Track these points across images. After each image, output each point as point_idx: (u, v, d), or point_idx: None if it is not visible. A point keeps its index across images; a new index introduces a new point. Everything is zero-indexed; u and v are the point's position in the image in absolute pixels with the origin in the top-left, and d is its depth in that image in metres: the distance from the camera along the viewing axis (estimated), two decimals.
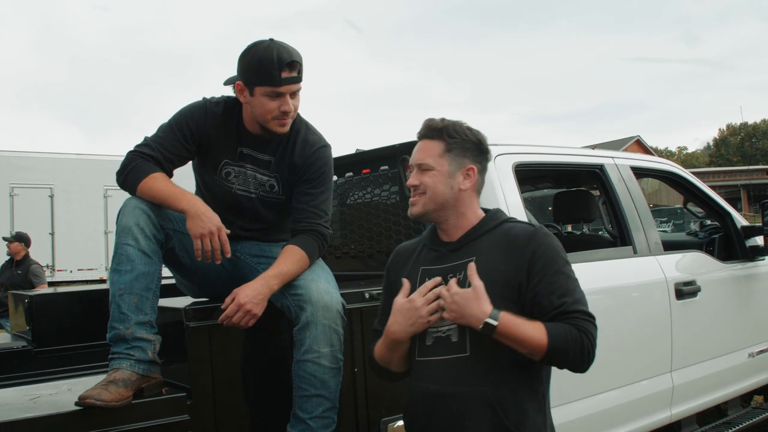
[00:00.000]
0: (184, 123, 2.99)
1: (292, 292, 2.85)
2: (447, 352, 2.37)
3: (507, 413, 2.29)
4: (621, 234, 4.44)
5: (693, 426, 4.73)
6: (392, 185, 4.13)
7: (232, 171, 3.06)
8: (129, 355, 2.60)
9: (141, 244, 2.71)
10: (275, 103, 2.89)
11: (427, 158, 2.47)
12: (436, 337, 2.40)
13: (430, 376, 2.39)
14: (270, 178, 3.10)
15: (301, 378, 2.79)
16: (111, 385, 2.47)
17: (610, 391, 3.98)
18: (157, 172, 2.87)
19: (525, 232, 2.42)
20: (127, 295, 2.64)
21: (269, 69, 2.83)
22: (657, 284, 4.34)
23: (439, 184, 2.45)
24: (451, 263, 2.45)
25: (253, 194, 3.10)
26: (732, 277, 5.06)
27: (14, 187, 19.88)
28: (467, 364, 2.33)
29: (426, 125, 2.51)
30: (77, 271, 19.89)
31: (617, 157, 4.68)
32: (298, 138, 3.08)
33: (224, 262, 3.00)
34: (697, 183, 5.23)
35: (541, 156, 4.24)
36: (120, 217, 2.78)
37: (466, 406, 2.31)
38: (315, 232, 3.02)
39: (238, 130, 3.04)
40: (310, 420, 2.77)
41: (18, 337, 4.17)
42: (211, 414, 2.68)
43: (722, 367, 4.84)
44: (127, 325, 2.62)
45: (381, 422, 3.07)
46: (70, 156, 21.23)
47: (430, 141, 2.49)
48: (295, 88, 2.92)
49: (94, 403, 2.37)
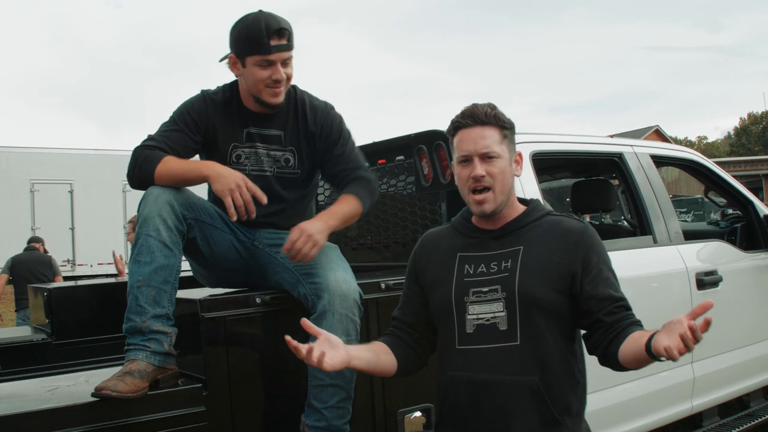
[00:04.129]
0: (186, 114, 2.97)
1: (310, 280, 2.84)
2: (494, 341, 2.33)
3: (555, 402, 2.29)
4: (641, 223, 4.40)
5: (714, 418, 4.68)
6: (408, 175, 4.10)
7: (242, 153, 3.03)
8: (145, 347, 2.59)
9: (162, 236, 2.69)
10: (267, 71, 2.88)
11: (492, 145, 2.36)
12: (478, 324, 2.35)
13: (475, 364, 2.35)
14: (284, 152, 3.08)
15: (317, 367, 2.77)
16: (127, 376, 2.47)
17: (631, 382, 3.94)
18: (168, 156, 2.85)
19: (577, 227, 2.40)
20: (146, 287, 2.63)
21: (258, 37, 2.83)
22: (678, 274, 4.29)
23: (506, 173, 2.39)
24: (494, 251, 2.41)
25: (268, 172, 3.07)
26: (754, 266, 4.99)
27: (35, 183, 20.07)
28: (517, 352, 2.30)
29: (475, 112, 2.38)
30: (97, 265, 20.04)
31: (636, 145, 4.63)
32: (306, 107, 3.08)
33: (241, 251, 3.00)
34: (718, 171, 5.16)
35: (558, 144, 4.20)
36: (142, 206, 2.75)
37: (514, 395, 2.29)
38: (361, 179, 3.11)
39: (239, 111, 3.03)
40: (325, 410, 2.75)
41: (38, 330, 4.20)
42: (226, 405, 2.68)
43: (744, 358, 4.79)
44: (143, 318, 2.61)
45: (397, 413, 3.05)
46: (89, 152, 21.39)
47: (485, 128, 2.37)
48: (285, 56, 2.90)
49: (110, 394, 2.37)
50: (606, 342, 2.27)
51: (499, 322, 2.32)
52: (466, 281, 2.40)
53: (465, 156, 2.38)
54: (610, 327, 2.27)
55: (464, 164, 2.40)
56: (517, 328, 2.31)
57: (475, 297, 2.37)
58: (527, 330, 2.30)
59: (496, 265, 2.37)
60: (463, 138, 2.39)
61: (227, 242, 2.99)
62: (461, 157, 2.40)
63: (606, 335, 2.28)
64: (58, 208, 20.25)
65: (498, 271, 2.37)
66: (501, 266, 2.37)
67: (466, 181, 2.38)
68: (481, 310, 2.35)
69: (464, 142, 2.39)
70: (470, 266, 2.41)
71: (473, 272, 2.40)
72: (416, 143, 3.88)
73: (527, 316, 2.30)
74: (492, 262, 2.39)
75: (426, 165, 3.85)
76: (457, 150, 2.43)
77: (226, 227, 2.96)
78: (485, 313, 2.34)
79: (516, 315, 2.31)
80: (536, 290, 2.30)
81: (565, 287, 2.31)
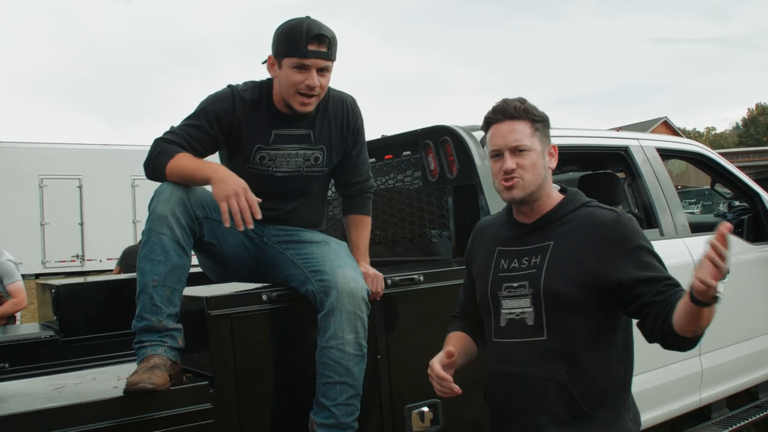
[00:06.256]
0: (211, 110, 2.93)
1: (318, 278, 2.84)
2: (523, 335, 2.39)
3: (583, 396, 2.30)
4: (647, 216, 4.39)
5: (723, 410, 4.67)
6: (415, 170, 4.10)
7: (267, 155, 3.00)
8: (162, 342, 2.60)
9: (176, 235, 2.68)
10: (301, 76, 2.85)
11: (523, 139, 2.39)
12: (510, 319, 2.42)
13: (507, 357, 2.43)
14: (314, 151, 3.07)
15: (325, 365, 2.77)
16: (155, 369, 2.47)
17: (640, 375, 3.90)
18: (182, 152, 2.82)
19: (609, 219, 2.38)
20: (161, 287, 2.63)
21: (296, 40, 2.82)
22: (684, 267, 4.24)
23: (538, 165, 2.41)
24: (528, 246, 2.45)
25: (298, 171, 3.06)
26: (761, 258, 4.97)
27: (43, 179, 20.17)
28: (544, 347, 2.35)
29: (505, 107, 2.43)
30: (106, 260, 20.10)
31: (642, 139, 4.62)
32: (329, 103, 3.08)
33: (250, 247, 3.00)
34: (724, 163, 5.15)
35: (565, 138, 4.19)
36: (155, 203, 2.73)
37: (541, 389, 2.34)
38: (370, 195, 3.34)
39: (269, 111, 3.00)
40: (333, 407, 2.75)
41: (46, 327, 4.21)
42: (233, 402, 2.68)
43: (752, 350, 4.78)
44: (159, 317, 2.61)
45: (405, 409, 3.05)
46: (97, 147, 21.48)
47: (516, 122, 2.41)
48: (322, 64, 2.87)
49: (146, 387, 2.38)
50: (661, 320, 2.22)
51: (526, 317, 2.38)
52: (500, 276, 2.47)
53: (496, 150, 2.43)
54: (662, 305, 2.22)
55: (496, 158, 2.44)
56: (544, 324, 2.35)
57: (507, 292, 2.44)
58: (554, 325, 2.33)
59: (527, 261, 2.42)
60: (495, 133, 2.44)
61: (236, 239, 2.98)
62: (493, 151, 2.45)
63: (660, 315, 2.22)
64: (66, 203, 20.35)
65: (528, 267, 2.41)
66: (531, 262, 2.41)
67: (498, 174, 2.43)
68: (512, 305, 2.41)
69: (495, 137, 2.43)
70: (505, 261, 2.48)
71: (507, 267, 2.47)
72: (423, 139, 3.88)
73: (553, 311, 2.33)
74: (524, 257, 2.44)
75: (432, 160, 3.84)
76: (489, 144, 2.47)
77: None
78: (515, 308, 2.41)
79: (542, 311, 2.35)
80: (561, 287, 2.31)
81: (591, 282, 2.30)
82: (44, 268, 20.09)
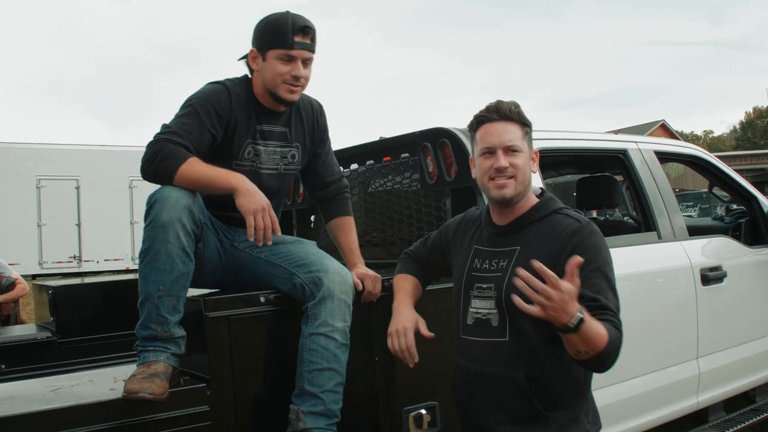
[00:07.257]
0: (210, 107, 2.86)
1: (306, 270, 2.82)
2: (487, 335, 2.49)
3: (540, 397, 2.39)
4: (645, 219, 4.39)
5: (720, 413, 4.67)
6: (413, 173, 4.10)
7: (253, 150, 2.99)
8: (166, 349, 2.59)
9: (183, 242, 2.62)
10: (287, 67, 2.89)
11: (516, 140, 2.47)
12: (477, 318, 2.52)
13: (471, 355, 2.56)
14: (291, 149, 3.10)
15: (313, 351, 2.72)
16: (155, 378, 2.46)
17: (636, 378, 3.94)
18: (194, 157, 2.75)
19: (570, 228, 2.43)
20: (167, 297, 2.59)
21: (283, 32, 2.86)
22: (682, 270, 4.28)
23: (527, 167, 2.49)
24: (498, 248, 2.53)
25: (276, 170, 3.07)
26: (759, 261, 4.97)
27: (41, 179, 20.11)
28: (505, 348, 2.44)
29: (500, 107, 2.50)
30: (104, 261, 20.12)
31: (640, 142, 4.62)
32: (300, 104, 3.12)
33: (221, 252, 2.96)
34: (721, 166, 5.15)
35: (563, 141, 4.19)
36: (159, 209, 2.61)
37: (501, 388, 2.44)
38: (347, 194, 3.36)
39: (254, 106, 2.99)
40: (321, 393, 2.70)
41: (42, 328, 4.20)
42: (230, 404, 2.67)
43: (749, 353, 4.78)
44: (165, 327, 2.59)
45: (402, 411, 3.05)
46: (96, 148, 21.44)
47: (509, 123, 2.48)
48: (306, 55, 2.92)
49: (145, 397, 2.37)
50: None
51: (492, 318, 2.47)
52: (473, 275, 2.56)
53: (489, 148, 2.48)
54: None
55: (487, 156, 2.49)
56: (506, 326, 2.44)
57: (477, 292, 2.54)
58: (515, 328, 2.42)
59: (495, 263, 2.51)
60: (488, 131, 2.49)
61: (213, 243, 2.94)
62: (485, 149, 2.49)
63: None
64: (64, 204, 20.30)
65: (496, 270, 2.50)
66: (498, 265, 2.50)
67: (488, 171, 2.47)
68: (480, 305, 2.52)
69: (489, 135, 2.48)
70: (479, 261, 2.57)
71: (479, 267, 2.55)
72: (421, 141, 3.88)
73: (515, 315, 2.38)
74: (494, 259, 2.52)
75: (431, 162, 3.84)
76: (480, 142, 2.52)
77: (212, 227, 2.94)
78: (483, 308, 2.51)
79: (505, 313, 2.43)
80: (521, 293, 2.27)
81: None
82: (41, 269, 20.03)
